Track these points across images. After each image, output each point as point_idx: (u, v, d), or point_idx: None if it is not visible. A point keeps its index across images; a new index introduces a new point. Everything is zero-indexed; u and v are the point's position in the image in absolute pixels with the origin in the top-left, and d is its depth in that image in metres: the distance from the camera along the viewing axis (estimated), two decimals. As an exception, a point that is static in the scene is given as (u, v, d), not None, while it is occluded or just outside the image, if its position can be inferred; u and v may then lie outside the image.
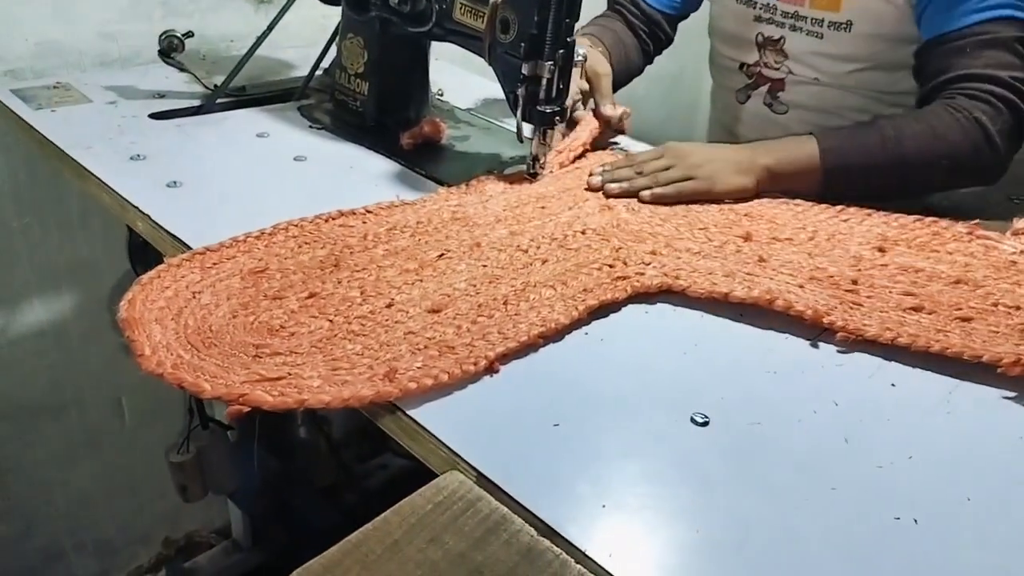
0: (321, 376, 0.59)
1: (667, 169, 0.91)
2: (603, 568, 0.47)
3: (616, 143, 1.09)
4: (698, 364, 0.66)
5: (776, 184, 0.91)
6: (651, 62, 1.26)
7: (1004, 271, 0.77)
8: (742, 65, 1.17)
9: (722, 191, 0.89)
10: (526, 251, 0.77)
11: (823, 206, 0.89)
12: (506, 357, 0.63)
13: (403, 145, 1.01)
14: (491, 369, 0.61)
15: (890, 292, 0.73)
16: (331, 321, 0.65)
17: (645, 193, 0.89)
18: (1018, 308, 0.71)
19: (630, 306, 0.73)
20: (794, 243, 0.81)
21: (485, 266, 0.74)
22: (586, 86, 1.06)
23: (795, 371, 0.65)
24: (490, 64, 0.91)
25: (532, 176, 0.93)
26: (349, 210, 0.81)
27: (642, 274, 0.74)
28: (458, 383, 0.60)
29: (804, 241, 0.82)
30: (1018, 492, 0.55)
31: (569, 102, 0.92)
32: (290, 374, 0.59)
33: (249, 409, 0.56)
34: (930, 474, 0.56)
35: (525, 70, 0.86)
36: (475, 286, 0.71)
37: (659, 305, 0.73)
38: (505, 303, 0.69)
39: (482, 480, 0.53)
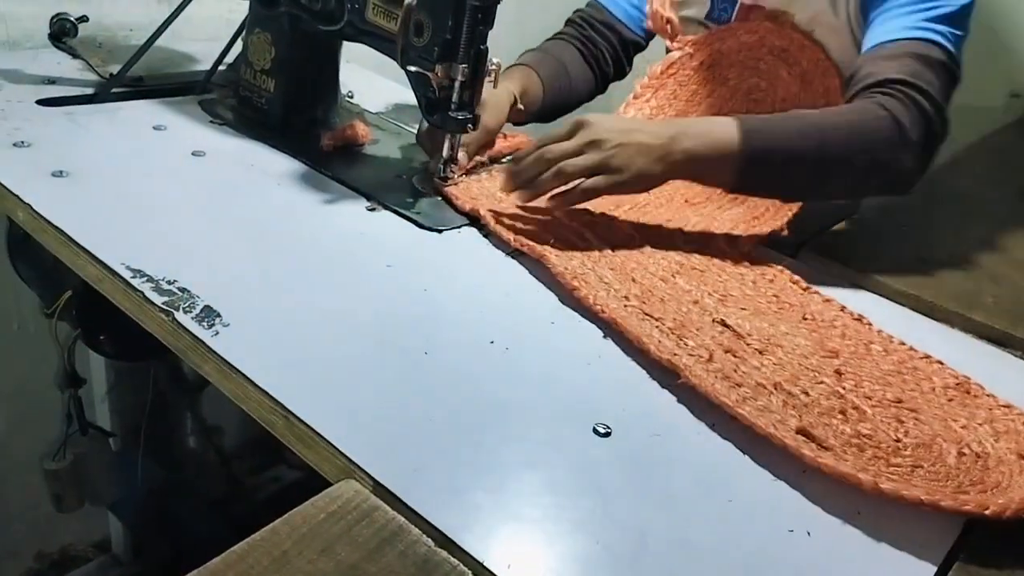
0: None
1: (578, 154, 0.82)
2: (501, 580, 0.46)
3: None
4: (601, 375, 0.66)
5: (691, 170, 0.85)
6: (603, 91, 1.22)
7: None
8: None
9: (631, 183, 0.83)
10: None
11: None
12: None
13: (323, 146, 0.98)
14: None
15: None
16: None
17: (552, 203, 0.83)
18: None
19: (535, 316, 0.73)
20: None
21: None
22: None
23: (685, 386, 0.66)
24: (402, 67, 0.89)
25: (443, 180, 0.92)
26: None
27: None
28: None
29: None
30: (907, 512, 0.56)
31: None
32: None
33: None
34: (824, 489, 0.57)
35: (438, 74, 0.85)
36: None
37: (563, 317, 0.73)
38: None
39: (379, 489, 0.51)
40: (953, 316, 0.84)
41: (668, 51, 1.14)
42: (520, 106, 1.04)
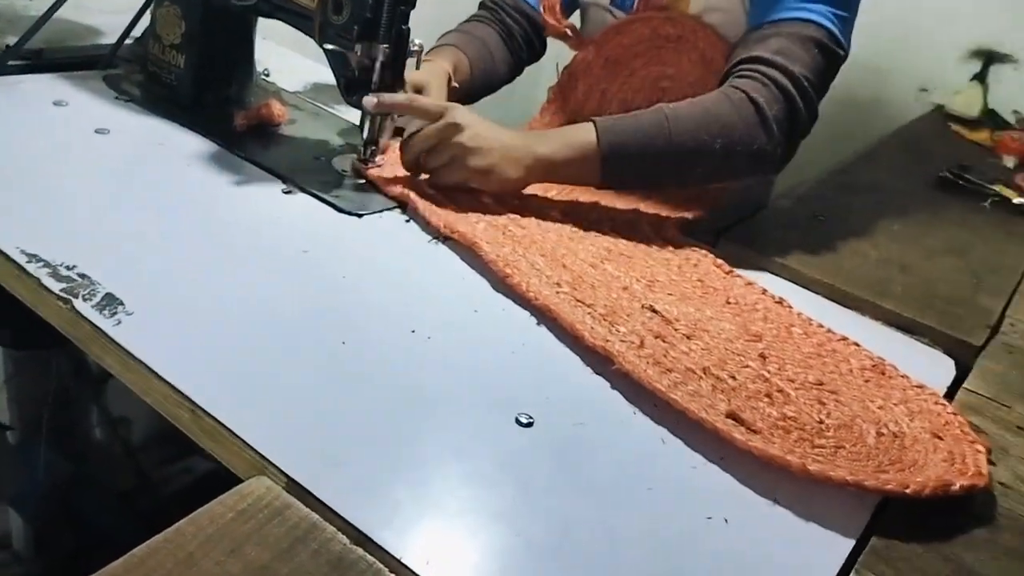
0: None
1: (437, 144, 0.85)
2: (419, 576, 0.45)
3: None
4: (525, 365, 0.65)
5: (553, 174, 0.89)
6: (519, 73, 1.22)
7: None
8: None
9: (496, 186, 0.86)
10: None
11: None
12: None
13: (237, 126, 0.94)
14: None
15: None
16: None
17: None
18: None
19: (459, 305, 0.71)
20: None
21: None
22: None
23: (618, 372, 0.65)
24: (320, 46, 0.86)
25: (365, 163, 0.89)
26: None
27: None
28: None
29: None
30: (823, 494, 0.57)
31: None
32: None
33: None
34: (740, 475, 0.57)
35: (358, 53, 0.82)
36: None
37: (486, 305, 0.72)
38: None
39: (292, 486, 0.49)
40: (864, 304, 0.86)
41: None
42: (455, 83, 1.04)
